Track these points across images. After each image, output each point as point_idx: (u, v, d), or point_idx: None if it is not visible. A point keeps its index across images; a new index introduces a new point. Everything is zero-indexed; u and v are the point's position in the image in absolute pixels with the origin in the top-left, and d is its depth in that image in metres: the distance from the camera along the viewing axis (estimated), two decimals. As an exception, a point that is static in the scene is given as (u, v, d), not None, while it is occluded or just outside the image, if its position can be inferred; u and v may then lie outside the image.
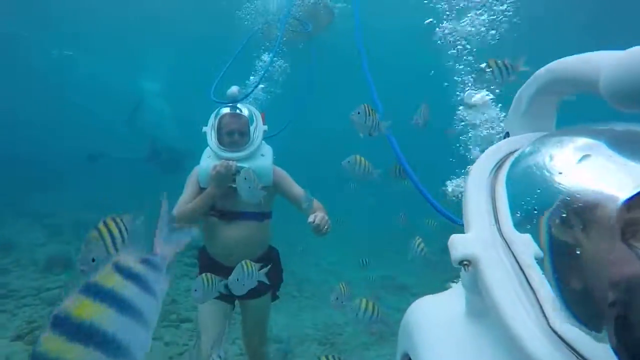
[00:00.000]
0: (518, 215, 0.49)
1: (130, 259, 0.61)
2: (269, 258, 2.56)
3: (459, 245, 0.48)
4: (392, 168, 4.12)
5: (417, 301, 0.63)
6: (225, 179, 2.28)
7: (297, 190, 2.48)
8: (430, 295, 0.63)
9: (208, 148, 2.47)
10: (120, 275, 0.56)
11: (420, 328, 0.56)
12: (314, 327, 4.74)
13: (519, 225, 0.48)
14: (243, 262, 2.01)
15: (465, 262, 0.47)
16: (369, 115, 2.23)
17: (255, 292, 2.41)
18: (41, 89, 16.04)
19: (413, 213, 4.27)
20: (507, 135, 0.69)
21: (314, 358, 4.05)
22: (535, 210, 0.46)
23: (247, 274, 1.97)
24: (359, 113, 2.26)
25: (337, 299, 2.14)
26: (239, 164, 2.33)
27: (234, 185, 2.29)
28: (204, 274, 2.05)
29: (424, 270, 7.10)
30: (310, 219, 2.15)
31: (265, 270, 2.11)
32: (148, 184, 8.02)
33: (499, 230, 0.49)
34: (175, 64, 14.38)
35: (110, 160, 10.32)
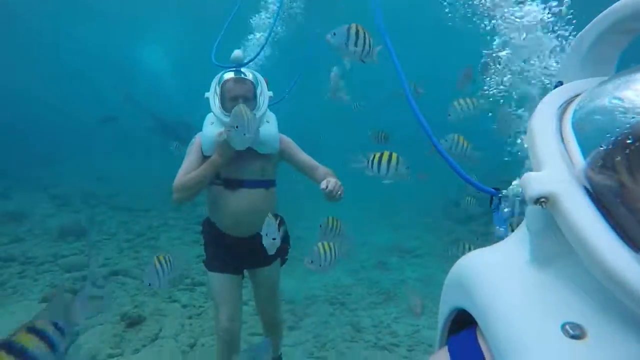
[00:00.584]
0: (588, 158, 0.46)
1: (44, 323, 0.95)
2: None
3: (536, 182, 0.45)
4: (375, 132, 4.24)
5: (467, 255, 0.58)
6: (231, 146, 2.16)
7: (305, 157, 2.44)
8: (479, 249, 0.59)
9: (210, 114, 2.35)
10: (34, 335, 0.87)
11: (481, 280, 0.51)
12: (323, 289, 4.94)
13: None
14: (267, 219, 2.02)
15: (542, 200, 0.44)
16: (356, 36, 1.84)
17: (264, 260, 2.44)
18: (41, 59, 15.72)
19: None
20: (559, 84, 0.63)
21: (326, 316, 4.26)
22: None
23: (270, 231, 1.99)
24: (334, 34, 1.82)
25: (311, 262, 2.09)
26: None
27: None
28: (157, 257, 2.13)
29: (427, 234, 7.31)
30: (323, 185, 2.09)
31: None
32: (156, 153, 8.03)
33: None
34: (180, 29, 13.94)
35: (119, 126, 10.32)
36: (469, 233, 6.69)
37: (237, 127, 1.97)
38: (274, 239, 1.98)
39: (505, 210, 1.12)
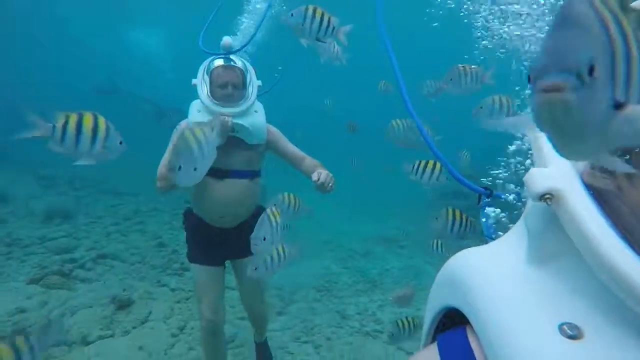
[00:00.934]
0: None
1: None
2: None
3: (542, 178, 0.44)
4: (350, 123, 4.41)
5: (460, 253, 0.57)
6: (222, 135, 2.11)
7: (292, 148, 2.43)
8: (475, 247, 0.57)
9: (197, 101, 2.30)
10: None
11: (477, 279, 0.49)
12: (311, 276, 5.04)
13: None
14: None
15: (547, 196, 0.43)
16: (313, 17, 1.97)
17: (247, 251, 2.29)
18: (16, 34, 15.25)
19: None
20: None
21: (312, 302, 4.37)
22: None
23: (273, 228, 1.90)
24: (292, 15, 1.96)
25: (255, 269, 2.00)
26: (234, 120, 2.20)
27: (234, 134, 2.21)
28: None
29: (409, 226, 7.46)
30: (314, 177, 2.09)
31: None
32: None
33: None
34: (173, 11, 13.61)
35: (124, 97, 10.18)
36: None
37: (180, 167, 1.70)
38: (264, 238, 1.87)
39: (492, 214, 1.16)
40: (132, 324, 3.51)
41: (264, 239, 1.88)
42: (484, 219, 1.23)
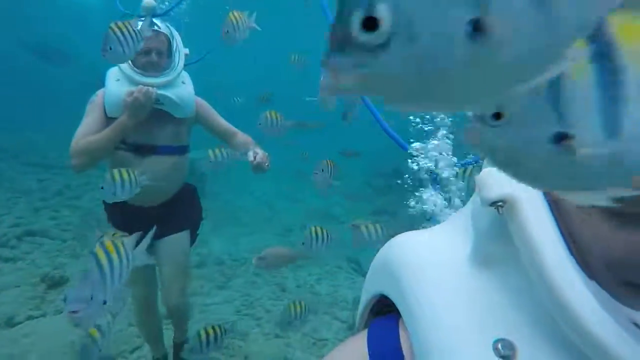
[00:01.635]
0: None
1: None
2: (186, 196, 2.38)
3: (494, 184, 0.41)
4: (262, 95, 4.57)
5: (397, 237, 0.54)
6: (144, 109, 1.96)
7: (223, 122, 2.30)
8: (413, 232, 0.55)
9: (114, 69, 2.09)
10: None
11: (412, 270, 0.47)
12: (251, 251, 5.16)
13: None
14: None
15: (499, 203, 0.41)
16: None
17: (172, 227, 2.27)
18: None
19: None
20: None
21: (253, 277, 4.50)
22: None
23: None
24: None
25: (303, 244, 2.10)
26: (159, 91, 2.02)
27: (158, 106, 2.06)
28: (115, 170, 1.84)
29: (350, 202, 7.79)
30: (250, 157, 2.03)
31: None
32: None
33: None
34: None
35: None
36: (388, 203, 7.24)
37: (111, 48, 1.74)
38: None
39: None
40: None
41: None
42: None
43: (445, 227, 0.53)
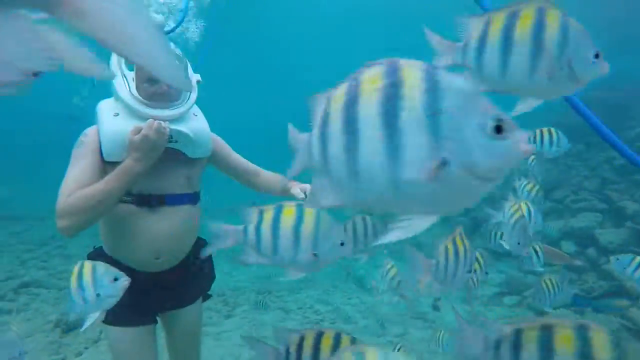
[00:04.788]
0: None
1: None
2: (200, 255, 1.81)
3: None
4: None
5: None
6: (156, 149, 1.51)
7: (241, 159, 1.95)
8: None
9: (108, 102, 1.64)
10: None
11: None
12: (248, 281, 5.37)
13: None
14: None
15: None
16: None
17: (184, 299, 1.84)
18: None
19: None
20: None
21: (255, 304, 4.71)
22: None
23: None
24: None
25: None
26: (172, 126, 1.58)
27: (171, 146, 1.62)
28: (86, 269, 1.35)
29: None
30: (300, 195, 1.70)
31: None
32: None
33: None
34: None
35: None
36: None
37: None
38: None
39: None
40: (83, 344, 3.49)
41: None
42: None
43: None
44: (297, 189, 1.73)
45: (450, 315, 4.41)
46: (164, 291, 1.76)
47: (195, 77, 1.76)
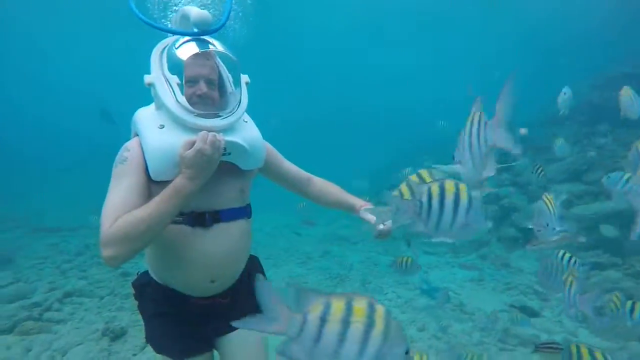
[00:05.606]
0: None
1: None
2: (254, 271, 1.70)
3: None
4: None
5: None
6: (211, 165, 1.35)
7: (292, 166, 1.82)
8: None
9: (148, 111, 1.48)
10: None
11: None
12: (280, 281, 5.42)
13: None
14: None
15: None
16: None
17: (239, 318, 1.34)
18: None
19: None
20: None
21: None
22: None
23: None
24: None
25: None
26: (227, 138, 1.41)
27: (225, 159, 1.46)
28: None
29: (356, 223, 8.19)
30: (380, 225, 1.60)
31: None
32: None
33: None
34: None
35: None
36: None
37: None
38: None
39: None
40: (132, 351, 3.58)
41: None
42: None
43: None
44: (368, 214, 1.69)
45: (487, 304, 4.38)
46: (216, 316, 1.60)
47: (244, 78, 1.57)
